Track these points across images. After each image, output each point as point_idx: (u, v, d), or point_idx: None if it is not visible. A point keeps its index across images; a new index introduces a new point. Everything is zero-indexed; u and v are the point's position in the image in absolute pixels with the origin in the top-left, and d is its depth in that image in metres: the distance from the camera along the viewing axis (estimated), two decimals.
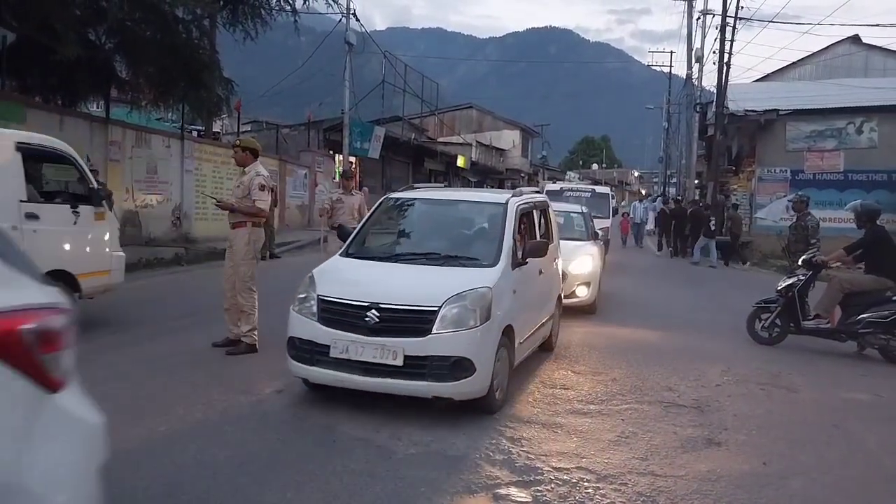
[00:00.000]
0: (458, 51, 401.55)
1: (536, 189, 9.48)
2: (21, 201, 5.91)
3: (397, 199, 6.35)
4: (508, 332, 5.02)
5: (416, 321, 4.52)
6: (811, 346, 7.91)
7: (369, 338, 4.47)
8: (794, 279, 7.80)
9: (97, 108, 13.68)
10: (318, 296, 4.78)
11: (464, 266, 5.19)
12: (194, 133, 18.49)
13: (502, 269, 5.13)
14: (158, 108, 12.71)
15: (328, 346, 4.58)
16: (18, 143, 5.95)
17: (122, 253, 7.34)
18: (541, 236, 6.67)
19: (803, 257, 7.96)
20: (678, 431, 4.76)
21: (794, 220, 9.30)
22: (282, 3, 11.95)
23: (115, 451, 2.10)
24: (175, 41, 9.75)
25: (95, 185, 7.05)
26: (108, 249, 7.03)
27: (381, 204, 6.29)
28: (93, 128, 12.89)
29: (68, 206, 6.53)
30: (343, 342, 4.53)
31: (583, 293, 8.95)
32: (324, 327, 4.65)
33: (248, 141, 6.64)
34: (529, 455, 4.13)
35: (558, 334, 7.27)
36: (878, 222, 7.69)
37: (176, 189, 15.62)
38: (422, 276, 5.08)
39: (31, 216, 5.96)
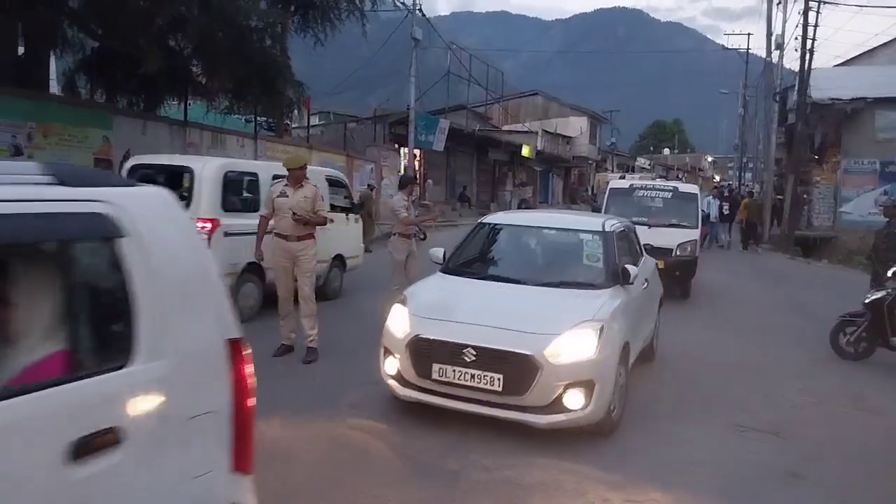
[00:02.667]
0: (523, 34, 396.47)
1: (623, 175, 9.35)
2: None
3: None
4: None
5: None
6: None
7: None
8: (884, 293, 7.36)
9: (177, 106, 14.23)
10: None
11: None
12: (265, 125, 18.85)
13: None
14: (233, 111, 13.16)
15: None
16: (326, 176, 9.49)
17: (362, 245, 10.69)
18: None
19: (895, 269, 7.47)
20: (753, 459, 4.62)
21: (886, 226, 8.72)
22: (350, 7, 12.10)
23: None
24: (249, 50, 10.07)
25: (354, 200, 10.75)
26: (358, 242, 10.36)
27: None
28: (172, 131, 13.50)
29: (344, 213, 9.67)
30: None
31: (576, 403, 4.50)
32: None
33: (302, 159, 6.79)
34: (597, 485, 4.09)
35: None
36: None
37: None
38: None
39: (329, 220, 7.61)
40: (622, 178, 22.74)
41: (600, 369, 4.57)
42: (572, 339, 4.56)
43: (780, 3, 21.71)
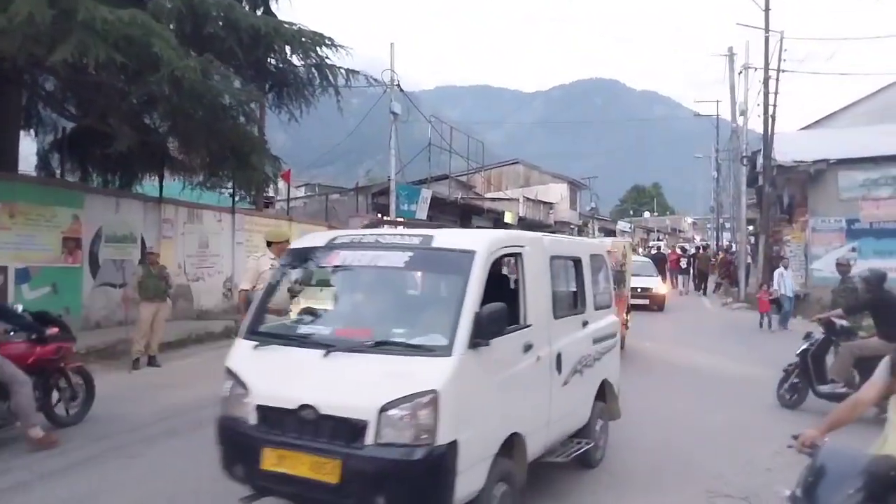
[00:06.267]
0: (505, 106, 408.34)
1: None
2: None
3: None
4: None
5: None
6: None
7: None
8: (809, 343, 7.96)
9: (151, 182, 14.43)
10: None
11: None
12: (245, 198, 19.07)
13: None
14: (209, 187, 13.38)
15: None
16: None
17: None
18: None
19: (818, 316, 8.48)
20: None
21: (841, 282, 8.98)
22: (325, 84, 12.53)
23: None
24: (222, 127, 10.34)
25: None
26: None
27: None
28: (146, 208, 13.64)
29: None
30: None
31: None
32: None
33: (283, 233, 7.02)
34: None
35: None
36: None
37: (227, 261, 16.20)
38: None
39: None
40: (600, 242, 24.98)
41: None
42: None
43: (741, 72, 22.71)
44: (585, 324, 5.50)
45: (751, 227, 29.14)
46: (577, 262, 5.58)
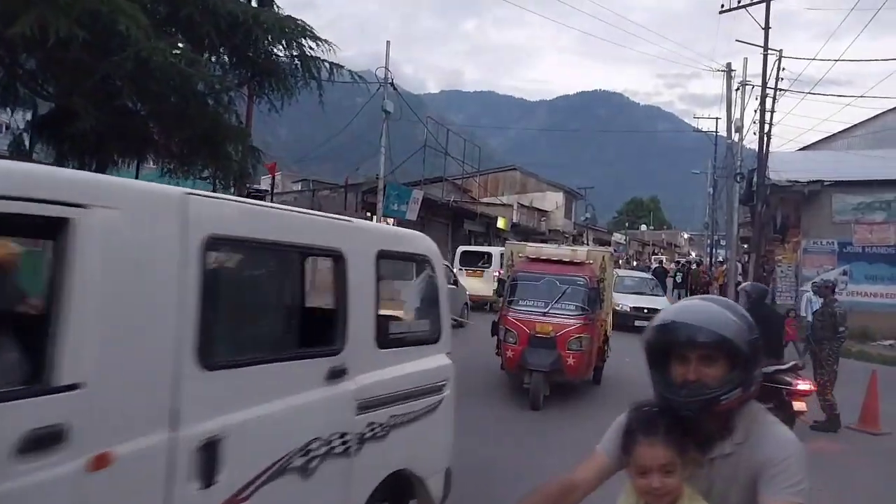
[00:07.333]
0: (509, 113, 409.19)
1: None
2: None
3: None
4: None
5: None
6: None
7: None
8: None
9: (130, 168, 14.04)
10: None
11: None
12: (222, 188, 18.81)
13: None
14: (180, 175, 12.99)
15: None
16: None
17: None
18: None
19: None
20: None
21: (822, 306, 8.71)
22: (307, 76, 12.16)
23: None
24: (193, 113, 9.99)
25: None
26: None
27: None
28: None
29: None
30: None
31: None
32: None
33: None
34: None
35: None
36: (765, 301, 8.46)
37: None
38: None
39: None
40: None
41: None
42: None
43: (738, 89, 22.46)
44: (341, 374, 3.09)
45: (745, 246, 28.89)
46: (337, 260, 3.17)
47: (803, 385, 7.31)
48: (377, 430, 3.28)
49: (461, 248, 25.47)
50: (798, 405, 7.26)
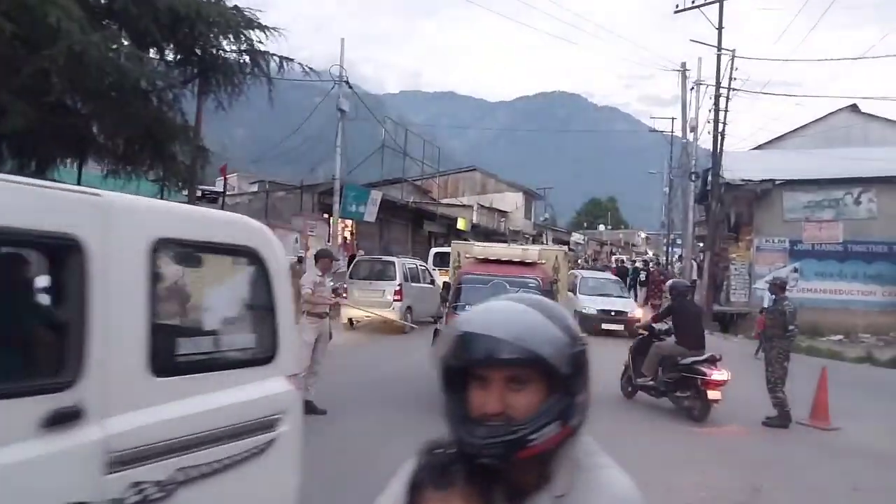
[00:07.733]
0: (469, 113, 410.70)
1: None
2: None
3: None
4: None
5: None
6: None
7: None
8: (634, 342, 9.20)
9: (68, 168, 13.39)
10: None
11: None
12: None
13: None
14: (130, 176, 12.46)
15: None
16: None
17: None
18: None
19: (639, 323, 9.88)
20: None
21: (774, 303, 8.79)
22: (256, 71, 11.80)
23: None
24: (134, 111, 9.56)
25: None
26: None
27: None
28: None
29: None
30: None
31: None
32: None
33: (327, 252, 8.37)
34: None
35: None
36: (688, 297, 9.31)
37: None
38: None
39: None
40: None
41: None
42: None
43: (693, 88, 22.80)
44: (71, 417, 2.16)
45: (701, 244, 29.36)
46: (68, 251, 2.25)
47: (718, 375, 7.86)
48: (151, 492, 2.38)
49: (434, 250, 25.75)
50: (713, 394, 7.87)
